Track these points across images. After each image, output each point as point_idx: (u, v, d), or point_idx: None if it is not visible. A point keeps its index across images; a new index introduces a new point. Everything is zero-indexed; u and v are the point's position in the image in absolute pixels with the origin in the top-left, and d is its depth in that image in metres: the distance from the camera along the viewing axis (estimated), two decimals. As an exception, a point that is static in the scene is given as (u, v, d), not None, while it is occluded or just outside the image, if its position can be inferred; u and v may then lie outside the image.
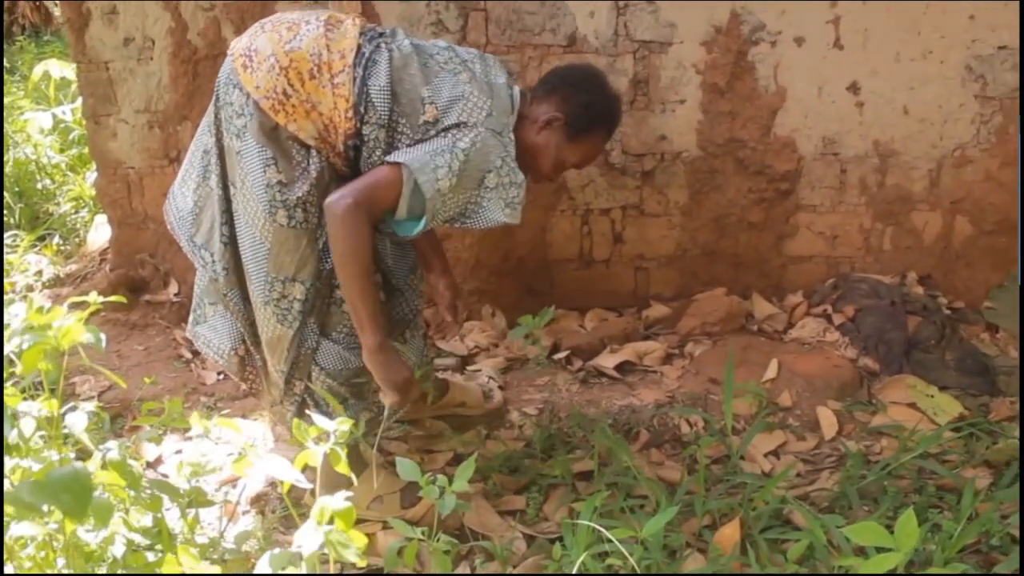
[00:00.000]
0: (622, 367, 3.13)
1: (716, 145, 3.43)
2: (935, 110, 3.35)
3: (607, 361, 3.13)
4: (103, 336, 1.77)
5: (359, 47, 2.23)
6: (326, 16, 2.28)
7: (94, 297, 2.02)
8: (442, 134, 2.20)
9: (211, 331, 2.54)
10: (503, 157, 2.21)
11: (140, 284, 3.73)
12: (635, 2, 3.28)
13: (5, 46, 8.22)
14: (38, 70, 5.48)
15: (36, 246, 4.52)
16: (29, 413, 1.88)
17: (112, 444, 1.89)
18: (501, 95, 2.29)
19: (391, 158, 2.18)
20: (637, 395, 2.97)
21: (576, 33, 3.32)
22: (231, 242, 2.33)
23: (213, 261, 2.37)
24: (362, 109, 2.20)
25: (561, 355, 3.22)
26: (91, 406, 2.05)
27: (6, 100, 6.67)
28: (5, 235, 4.55)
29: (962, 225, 3.48)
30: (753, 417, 2.78)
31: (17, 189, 4.95)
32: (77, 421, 1.83)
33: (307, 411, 2.48)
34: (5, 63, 7.14)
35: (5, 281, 4.18)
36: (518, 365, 3.24)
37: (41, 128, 5.32)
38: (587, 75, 2.46)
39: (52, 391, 1.88)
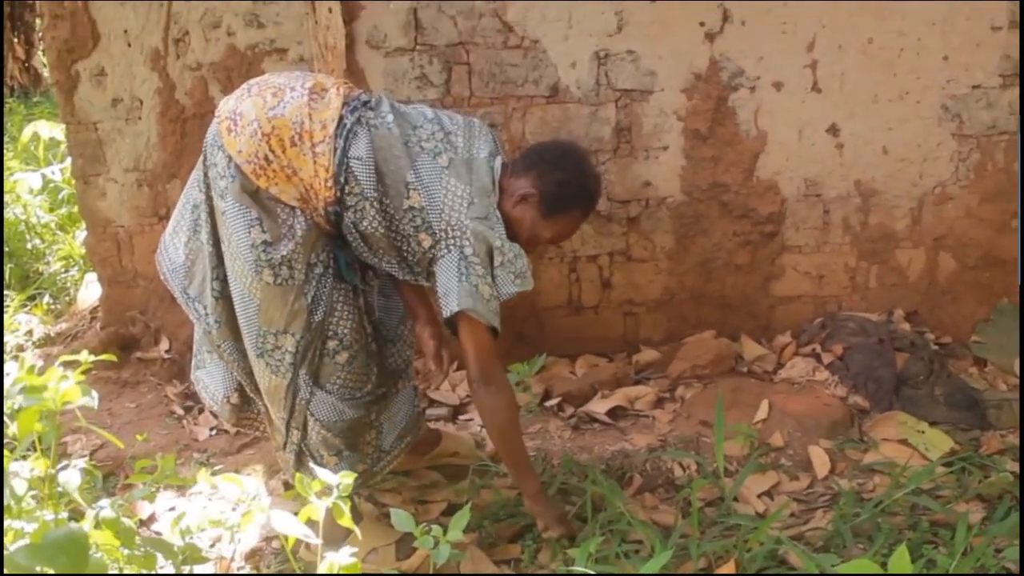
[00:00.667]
0: (614, 412, 3.14)
1: (700, 190, 3.48)
2: (914, 149, 3.41)
3: (598, 407, 3.14)
4: (95, 395, 1.77)
5: (341, 118, 2.28)
6: (311, 83, 2.32)
7: (85, 356, 2.03)
8: (443, 248, 2.29)
9: (208, 377, 2.58)
10: (499, 237, 2.30)
11: (131, 342, 3.73)
12: (615, 52, 3.34)
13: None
14: (27, 131, 5.55)
15: (26, 306, 4.52)
16: (20, 473, 1.88)
17: (105, 503, 1.88)
18: (481, 174, 2.34)
19: (448, 312, 2.28)
20: (629, 440, 2.97)
21: (559, 83, 3.38)
22: (223, 296, 2.36)
23: (206, 314, 2.40)
24: (342, 179, 2.25)
25: (552, 402, 3.23)
26: (83, 464, 2.05)
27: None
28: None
29: (946, 261, 3.53)
30: (745, 458, 2.79)
31: (7, 249, 4.96)
32: (71, 479, 1.82)
33: (305, 460, 2.51)
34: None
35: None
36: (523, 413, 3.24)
37: (31, 188, 5.38)
38: (565, 153, 2.49)
39: (45, 451, 1.88)
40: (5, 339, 4.22)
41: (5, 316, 4.36)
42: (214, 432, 3.17)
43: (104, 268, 3.78)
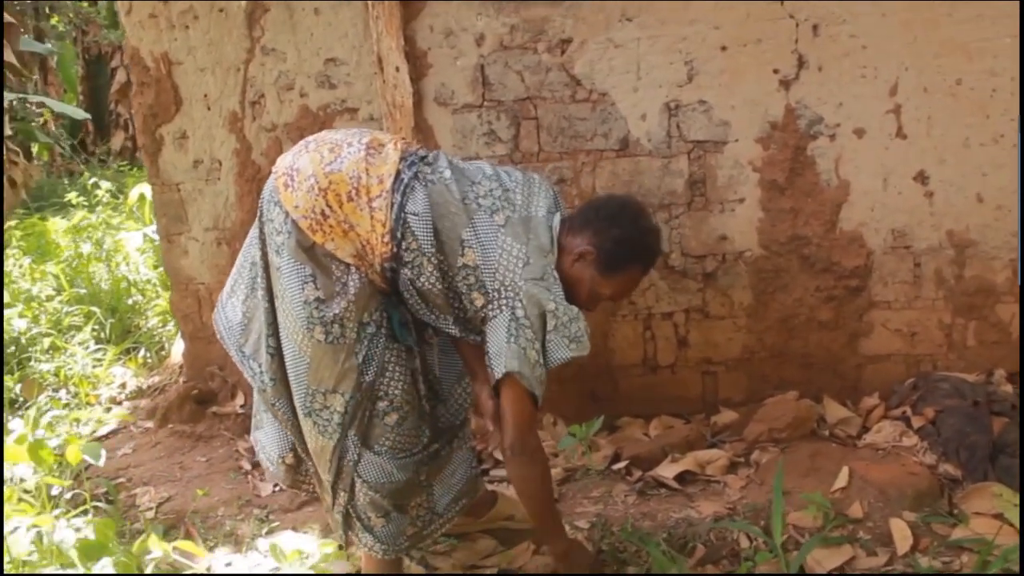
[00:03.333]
0: (683, 477, 2.97)
1: (779, 243, 3.32)
2: (1011, 196, 3.17)
3: (666, 471, 2.98)
4: (103, 453, 1.77)
5: (398, 172, 2.26)
6: (368, 139, 2.32)
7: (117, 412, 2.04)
8: (495, 309, 2.25)
9: (265, 437, 2.58)
10: (553, 300, 2.25)
11: (209, 396, 3.80)
12: (686, 103, 3.25)
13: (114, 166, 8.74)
14: (134, 193, 5.81)
15: (121, 359, 4.68)
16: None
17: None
18: (539, 232, 2.31)
19: (497, 373, 2.25)
20: (696, 507, 2.80)
21: (628, 136, 3.31)
22: (277, 353, 2.36)
23: (260, 371, 2.40)
24: (399, 234, 2.22)
25: (620, 465, 3.09)
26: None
27: (112, 220, 7.08)
28: (95, 348, 4.72)
29: (1053, 317, 3.25)
30: (818, 530, 2.59)
31: (110, 305, 5.16)
32: (65, 538, 1.82)
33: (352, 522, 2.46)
34: (111, 185, 7.60)
35: (91, 393, 4.32)
36: (575, 476, 3.11)
37: (138, 247, 5.62)
38: (622, 208, 2.45)
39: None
40: (101, 391, 4.37)
41: (102, 368, 4.52)
42: (277, 489, 3.16)
43: (186, 324, 3.87)
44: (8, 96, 9.61)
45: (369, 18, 3.30)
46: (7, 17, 6.87)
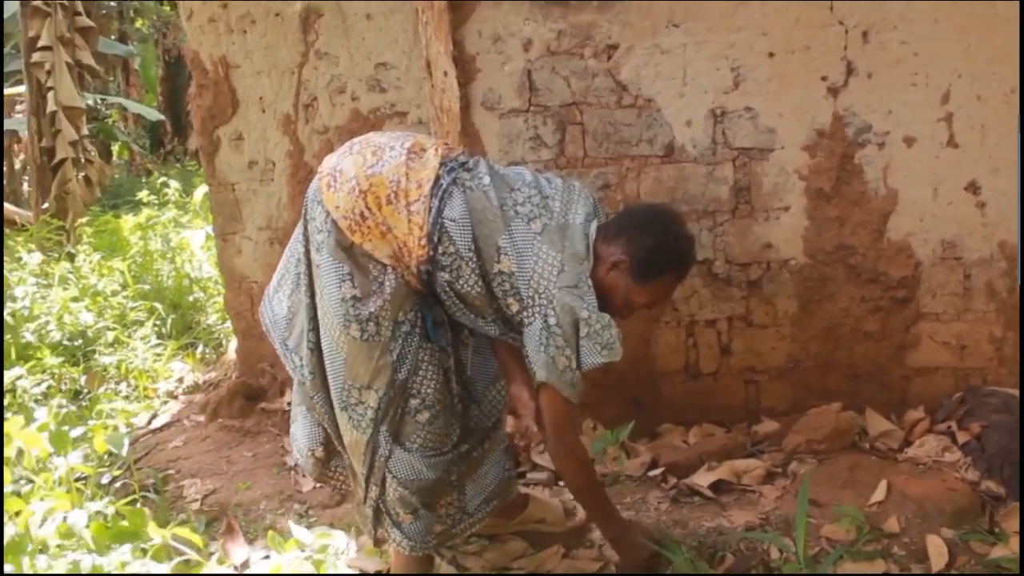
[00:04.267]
0: (718, 486, 2.95)
1: (825, 252, 3.28)
2: (1068, 209, 3.08)
3: (702, 479, 2.97)
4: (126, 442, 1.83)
5: (438, 178, 2.31)
6: (411, 143, 2.37)
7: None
8: (530, 316, 2.30)
9: (299, 430, 2.64)
10: (586, 308, 2.28)
11: (258, 392, 3.89)
12: (732, 109, 3.23)
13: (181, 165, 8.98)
14: (199, 192, 5.98)
15: (179, 354, 4.81)
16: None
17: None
18: (575, 240, 2.33)
19: (536, 381, 2.33)
20: (728, 516, 2.78)
21: (673, 143, 3.30)
22: (317, 348, 2.41)
23: (301, 365, 2.46)
24: (435, 238, 2.27)
25: (656, 472, 3.08)
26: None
27: (182, 218, 7.28)
28: (156, 343, 4.87)
29: (1111, 333, 3.15)
30: (852, 544, 2.55)
31: (173, 301, 5.32)
32: (78, 520, 1.88)
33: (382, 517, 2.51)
34: (179, 184, 7.83)
35: (150, 387, 4.47)
36: (611, 481, 3.11)
37: (201, 244, 5.78)
38: (655, 216, 2.46)
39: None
40: (159, 385, 4.51)
41: (161, 363, 4.66)
42: (318, 485, 3.22)
43: (239, 321, 3.97)
44: (88, 97, 9.96)
45: (419, 23, 3.35)
46: (86, 21, 7.13)
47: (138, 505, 3.14)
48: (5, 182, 8.76)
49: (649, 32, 3.24)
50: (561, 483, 3.13)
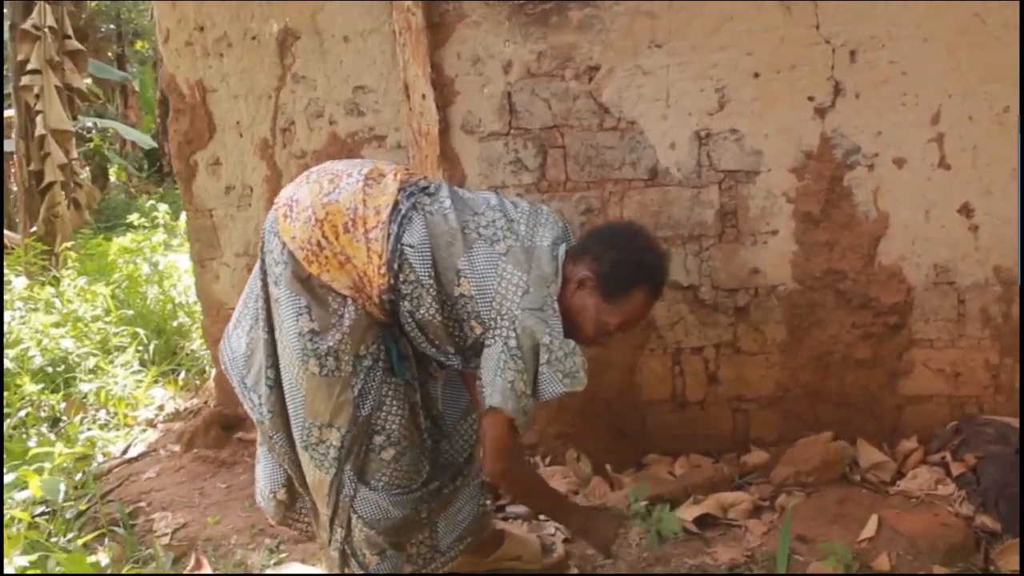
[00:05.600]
0: (703, 520, 2.85)
1: (814, 277, 3.18)
2: (1064, 231, 2.99)
3: (686, 513, 2.85)
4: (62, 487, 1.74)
5: (396, 203, 2.22)
6: (368, 169, 2.29)
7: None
8: (491, 338, 2.19)
9: (260, 471, 2.55)
10: (549, 333, 2.17)
11: (236, 422, 3.79)
12: (717, 131, 3.14)
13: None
14: (184, 216, 5.91)
15: (159, 381, 4.72)
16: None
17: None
18: (542, 262, 2.23)
19: (486, 404, 2.21)
20: (712, 553, 2.68)
21: (657, 166, 3.21)
22: (276, 386, 2.33)
23: (260, 404, 2.37)
24: (395, 266, 2.18)
25: (639, 505, 2.97)
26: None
27: (172, 242, 7.22)
28: (137, 369, 4.79)
29: (1110, 360, 3.04)
30: (839, 584, 2.44)
31: (157, 326, 5.23)
32: None
33: (349, 560, 2.41)
34: (168, 208, 7.77)
35: (129, 414, 4.38)
36: (595, 515, 3.01)
37: (187, 269, 5.70)
38: (620, 231, 2.39)
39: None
40: (139, 412, 4.42)
41: (141, 390, 4.57)
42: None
43: (216, 349, 3.87)
44: (83, 120, 9.93)
45: (396, 45, 3.28)
46: (75, 44, 7.09)
47: (106, 541, 3.06)
48: (-2, 205, 8.70)
49: (631, 52, 3.16)
50: (542, 518, 3.03)
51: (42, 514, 2.98)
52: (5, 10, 7.09)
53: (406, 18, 3.22)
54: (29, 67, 6.69)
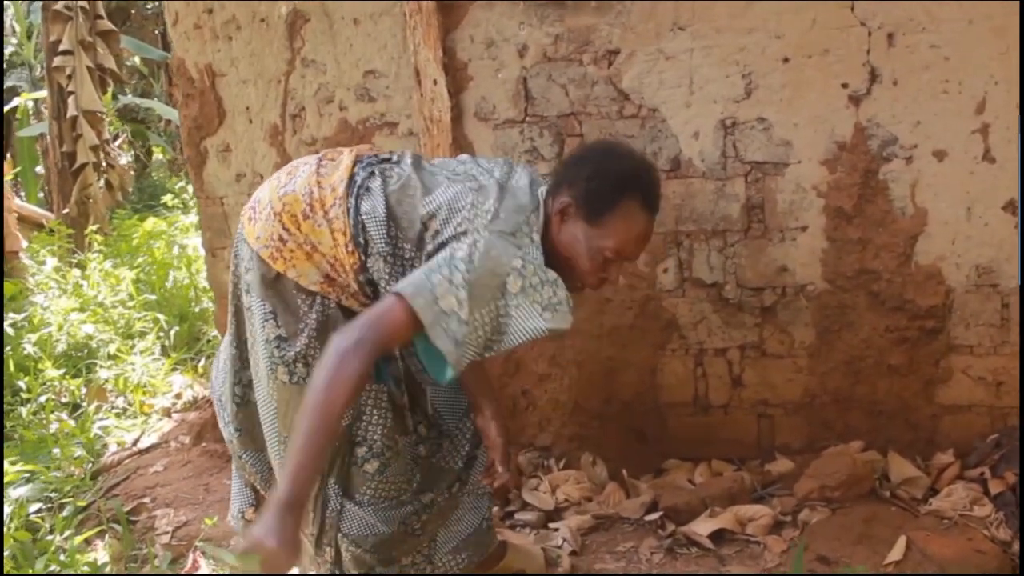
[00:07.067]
0: (719, 535, 2.69)
1: (845, 277, 2.99)
2: (1119, 233, 2.76)
3: (701, 528, 2.70)
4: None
5: (352, 176, 2.08)
6: (323, 153, 2.18)
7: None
8: (440, 249, 1.94)
9: (233, 489, 2.46)
10: (522, 257, 1.88)
11: (245, 416, 3.71)
12: (744, 120, 2.96)
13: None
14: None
15: (178, 368, 4.66)
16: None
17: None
18: (518, 195, 2.02)
19: (392, 289, 1.92)
20: (727, 572, 2.52)
21: (680, 156, 3.04)
22: (244, 402, 2.24)
23: (228, 421, 2.29)
24: (361, 240, 2.02)
25: (653, 516, 2.83)
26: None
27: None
28: (157, 356, 4.74)
29: None
30: (861, 613, 2.28)
31: (180, 311, 5.18)
32: None
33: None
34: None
35: (146, 402, 4.33)
36: (607, 524, 2.87)
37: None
38: (591, 148, 2.25)
39: None
40: (156, 401, 4.37)
41: (160, 376, 4.52)
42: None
43: (228, 340, 3.80)
44: (123, 99, 9.95)
45: (407, 28, 3.13)
46: (108, 24, 7.06)
47: (106, 538, 3.00)
48: (37, 185, 8.76)
49: (652, 36, 2.98)
50: (551, 526, 2.90)
51: (38, 512, 2.92)
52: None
53: (416, -1, 3.08)
54: (61, 48, 6.67)
